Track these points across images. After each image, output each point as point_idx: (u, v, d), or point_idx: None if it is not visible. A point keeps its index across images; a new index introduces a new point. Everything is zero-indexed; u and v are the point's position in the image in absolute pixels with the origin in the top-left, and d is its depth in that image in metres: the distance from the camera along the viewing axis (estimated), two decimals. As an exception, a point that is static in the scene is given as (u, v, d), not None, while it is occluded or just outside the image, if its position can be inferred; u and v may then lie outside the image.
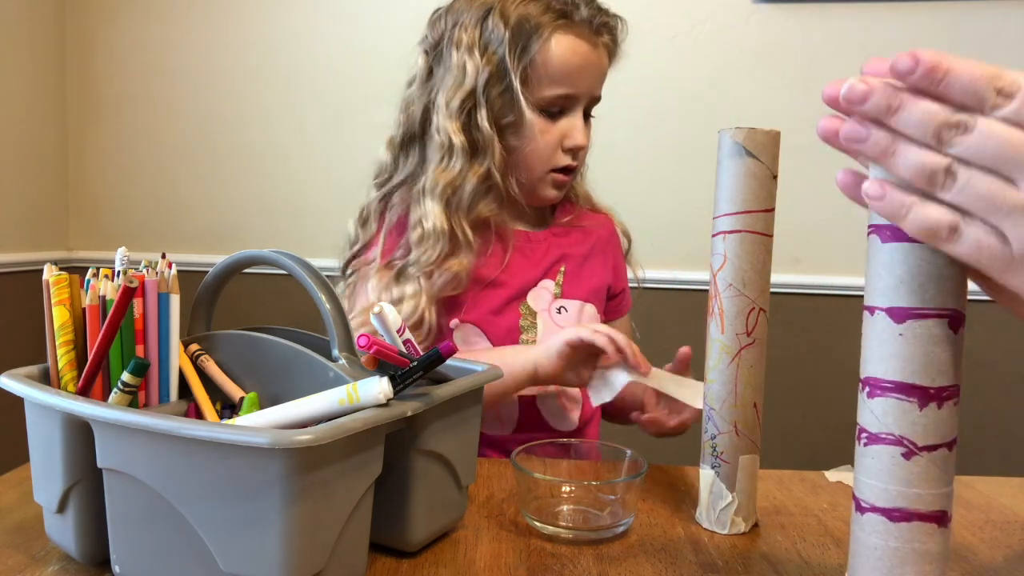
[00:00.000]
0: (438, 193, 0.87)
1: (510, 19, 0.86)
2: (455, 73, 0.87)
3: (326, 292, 0.54)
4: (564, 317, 0.94)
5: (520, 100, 0.86)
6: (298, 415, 0.47)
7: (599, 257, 1.00)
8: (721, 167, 0.57)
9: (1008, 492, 0.70)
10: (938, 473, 0.39)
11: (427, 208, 0.87)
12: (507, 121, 0.88)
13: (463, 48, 0.87)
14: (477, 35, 0.87)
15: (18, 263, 1.62)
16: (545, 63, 0.86)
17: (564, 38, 0.86)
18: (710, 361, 0.59)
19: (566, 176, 0.92)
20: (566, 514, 0.60)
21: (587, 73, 0.89)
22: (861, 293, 0.41)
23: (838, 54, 1.57)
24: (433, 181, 0.87)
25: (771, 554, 0.55)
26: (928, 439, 0.38)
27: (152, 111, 1.75)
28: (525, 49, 0.86)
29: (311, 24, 1.70)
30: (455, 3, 0.92)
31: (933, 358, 0.38)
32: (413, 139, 0.93)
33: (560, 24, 0.86)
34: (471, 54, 0.87)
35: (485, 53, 0.87)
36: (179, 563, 0.44)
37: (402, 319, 0.53)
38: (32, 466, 0.52)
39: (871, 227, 0.40)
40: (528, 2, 0.87)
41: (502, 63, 0.86)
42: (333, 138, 1.70)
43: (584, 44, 0.87)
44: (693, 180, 1.62)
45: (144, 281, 0.54)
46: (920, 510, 0.39)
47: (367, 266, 0.92)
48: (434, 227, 0.86)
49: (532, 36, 0.86)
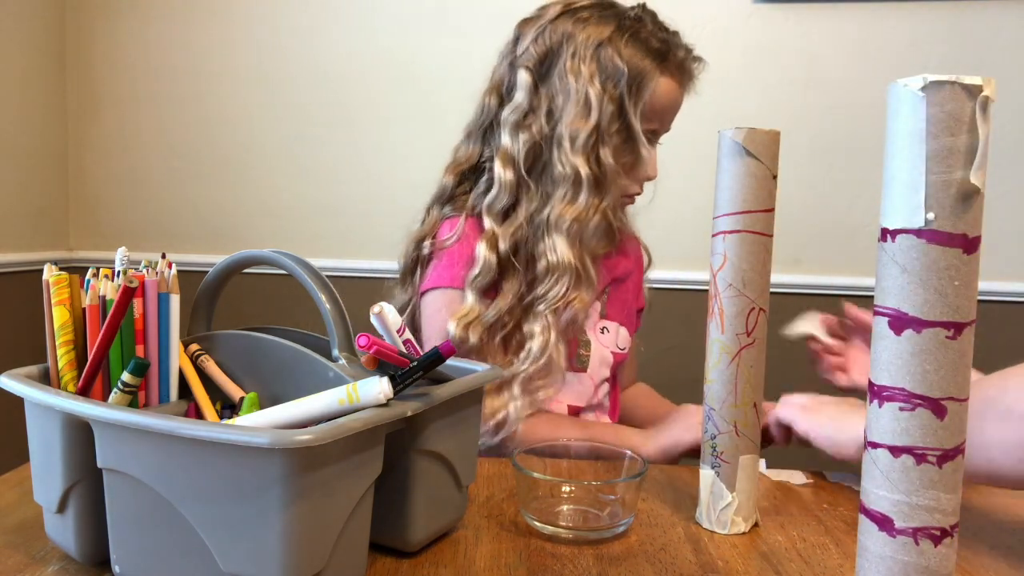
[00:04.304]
0: (564, 228, 0.85)
1: (625, 57, 0.86)
2: (579, 104, 0.85)
3: (326, 292, 0.54)
4: (606, 337, 0.96)
5: (638, 140, 0.87)
6: (298, 415, 0.47)
7: (632, 280, 1.02)
8: (721, 167, 0.57)
9: (1008, 492, 0.70)
10: (946, 483, 0.38)
11: (554, 242, 0.85)
12: (625, 160, 0.88)
13: (583, 78, 0.85)
14: (596, 68, 0.86)
15: (18, 263, 1.62)
16: (652, 100, 0.88)
17: (664, 80, 0.88)
18: (710, 361, 0.59)
19: (632, 200, 0.95)
20: (566, 514, 0.60)
21: (673, 111, 0.92)
22: (861, 293, 0.41)
23: (838, 54, 1.57)
24: (558, 214, 0.85)
25: (771, 554, 0.55)
26: (937, 447, 0.38)
27: (152, 111, 1.75)
28: (640, 89, 0.87)
29: (312, 24, 1.70)
30: (557, 22, 0.89)
31: (943, 366, 0.37)
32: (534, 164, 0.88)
33: (663, 66, 0.88)
34: (593, 86, 0.85)
35: (606, 88, 0.86)
36: (179, 563, 0.44)
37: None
38: (32, 466, 0.52)
39: (882, 231, 0.39)
40: (638, 40, 0.88)
41: (622, 100, 0.86)
42: (333, 138, 1.70)
43: (677, 86, 0.90)
44: (693, 180, 1.62)
45: (144, 281, 0.54)
46: (927, 519, 0.38)
47: (442, 291, 0.88)
48: (560, 261, 0.85)
49: (645, 77, 0.87)
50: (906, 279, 0.37)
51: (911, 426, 0.38)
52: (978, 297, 0.38)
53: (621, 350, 0.97)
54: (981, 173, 0.36)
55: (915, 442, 0.38)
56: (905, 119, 0.37)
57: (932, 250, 0.37)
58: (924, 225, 0.37)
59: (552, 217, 0.85)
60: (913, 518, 0.39)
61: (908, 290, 0.37)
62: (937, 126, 0.36)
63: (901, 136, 0.37)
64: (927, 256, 0.37)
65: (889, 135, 0.38)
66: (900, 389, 0.38)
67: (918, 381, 0.38)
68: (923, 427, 0.38)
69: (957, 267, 0.37)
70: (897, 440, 0.38)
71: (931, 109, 0.36)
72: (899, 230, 0.37)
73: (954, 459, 0.38)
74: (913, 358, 0.38)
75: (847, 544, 0.57)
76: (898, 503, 0.39)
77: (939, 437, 0.38)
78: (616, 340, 0.96)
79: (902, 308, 0.38)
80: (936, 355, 0.37)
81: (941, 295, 0.37)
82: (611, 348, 0.96)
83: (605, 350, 0.95)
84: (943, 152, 0.36)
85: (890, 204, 0.38)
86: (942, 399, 0.37)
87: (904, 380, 0.38)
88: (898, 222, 0.38)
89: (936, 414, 0.38)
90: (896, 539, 0.39)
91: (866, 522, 0.41)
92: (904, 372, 0.38)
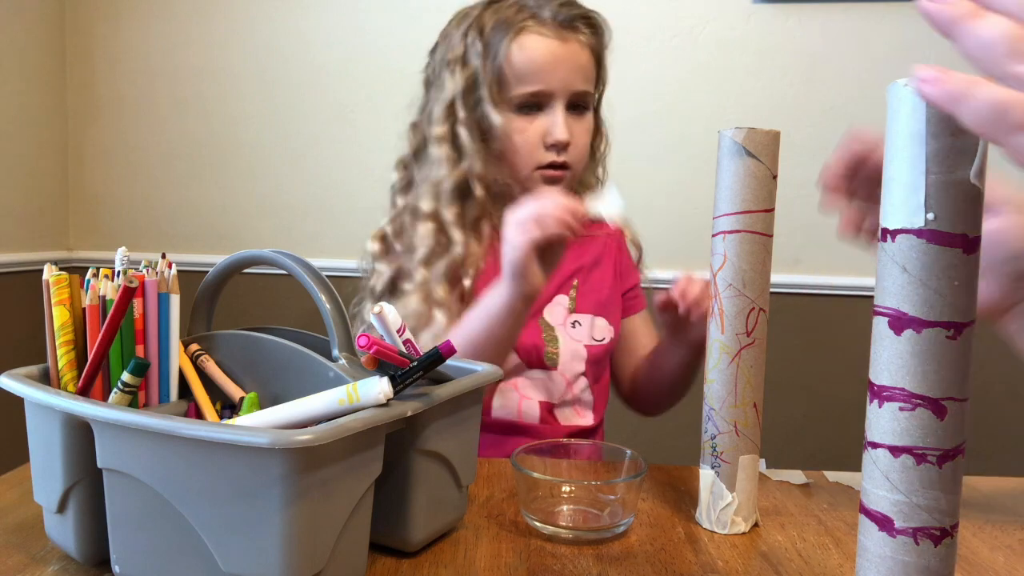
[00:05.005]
0: (425, 191, 0.92)
1: (484, 29, 0.90)
2: (441, 89, 0.93)
3: (326, 292, 0.54)
4: (579, 331, 0.95)
5: (486, 104, 0.89)
6: (298, 415, 0.47)
7: (607, 268, 1.01)
8: (721, 167, 0.57)
9: (1008, 492, 0.70)
10: (946, 483, 0.38)
11: (420, 205, 0.92)
12: (486, 126, 0.90)
13: (447, 65, 0.92)
14: (461, 51, 0.91)
15: (18, 263, 1.62)
16: (512, 64, 0.89)
17: (528, 37, 0.89)
18: (710, 361, 0.59)
19: (556, 172, 0.92)
20: (566, 514, 0.60)
21: (558, 68, 0.89)
22: (861, 293, 0.40)
23: (838, 54, 1.57)
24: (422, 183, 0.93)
25: (771, 554, 0.55)
26: (937, 447, 0.38)
27: (152, 111, 1.75)
28: (495, 55, 0.89)
29: (312, 24, 1.70)
30: (447, 28, 0.96)
31: (943, 366, 0.37)
32: (415, 157, 0.98)
33: (525, 25, 0.89)
34: (452, 70, 0.91)
35: (464, 66, 0.91)
36: (179, 563, 0.44)
37: (402, 320, 0.53)
38: (32, 466, 0.52)
39: (882, 231, 0.39)
40: (500, 10, 0.90)
41: (476, 72, 0.90)
42: (334, 138, 1.70)
43: (551, 40, 0.89)
44: (693, 180, 1.62)
45: (144, 281, 0.54)
46: (927, 519, 0.38)
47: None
48: (420, 213, 0.91)
49: (500, 41, 0.89)
50: (906, 279, 0.37)
51: (911, 426, 0.38)
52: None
53: (598, 342, 0.96)
54: (981, 173, 0.36)
55: (915, 442, 0.38)
56: (905, 119, 0.37)
57: (932, 250, 0.37)
58: (924, 225, 0.37)
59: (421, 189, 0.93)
60: (913, 518, 0.39)
61: (908, 290, 0.37)
62: (937, 126, 0.36)
63: (901, 136, 0.37)
64: (927, 256, 0.37)
65: (889, 135, 0.38)
66: (900, 389, 0.38)
67: (918, 381, 0.38)
68: (923, 427, 0.38)
69: (957, 267, 0.37)
70: (897, 440, 0.38)
71: (931, 109, 0.36)
72: (899, 230, 0.37)
73: (954, 459, 0.38)
74: (913, 358, 0.38)
75: (847, 544, 0.57)
76: (898, 503, 0.39)
77: (939, 437, 0.38)
78: (591, 332, 0.96)
79: (902, 308, 0.38)
80: (936, 355, 0.37)
81: (941, 295, 0.37)
82: (584, 342, 0.95)
83: (577, 344, 0.95)
84: (943, 152, 0.36)
85: (890, 204, 0.38)
86: (942, 399, 0.37)
87: (904, 380, 0.38)
88: (898, 222, 0.37)
89: (936, 414, 0.38)
90: (896, 539, 0.39)
91: (866, 522, 0.41)
92: (904, 372, 0.38)
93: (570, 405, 0.96)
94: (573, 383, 0.95)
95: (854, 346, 1.69)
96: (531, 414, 0.93)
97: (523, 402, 0.92)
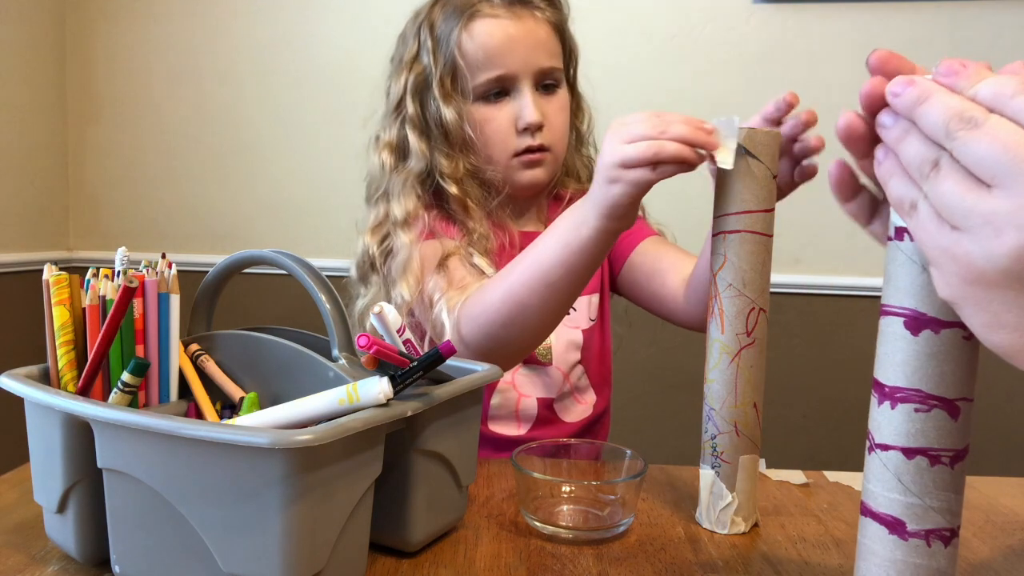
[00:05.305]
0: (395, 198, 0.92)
1: (435, 23, 0.89)
2: (390, 93, 0.93)
3: (326, 292, 0.54)
4: (573, 316, 0.94)
5: (438, 100, 0.87)
6: (298, 415, 0.47)
7: None
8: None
9: (1008, 492, 0.70)
10: (957, 484, 0.38)
11: (394, 213, 0.92)
12: (447, 120, 0.88)
13: (400, 66, 0.91)
14: (415, 50, 0.90)
15: (18, 263, 1.62)
16: (466, 53, 0.86)
17: (480, 22, 0.86)
18: (710, 361, 0.59)
19: (534, 155, 0.89)
20: (566, 514, 0.60)
21: (516, 48, 0.86)
22: (862, 293, 0.40)
23: (838, 54, 1.57)
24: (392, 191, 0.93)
25: (771, 554, 0.55)
26: (951, 448, 0.37)
27: (152, 111, 1.75)
28: (447, 47, 0.88)
29: (312, 23, 1.70)
30: (403, 30, 0.95)
31: (960, 367, 0.37)
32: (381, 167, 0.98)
33: (475, 10, 0.86)
34: (402, 71, 0.91)
35: (413, 64, 0.90)
36: (179, 563, 0.44)
37: (402, 320, 0.53)
38: (32, 466, 0.52)
39: (895, 230, 0.38)
40: (450, 1, 0.89)
41: (426, 68, 0.89)
42: (334, 138, 1.70)
43: (504, 21, 0.86)
44: (693, 180, 1.62)
45: (144, 281, 0.54)
46: (939, 520, 0.38)
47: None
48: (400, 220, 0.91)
49: (451, 32, 0.87)
50: (926, 278, 0.36)
51: (927, 427, 0.37)
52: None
53: (593, 321, 0.96)
54: None
55: (930, 443, 0.37)
56: None
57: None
58: None
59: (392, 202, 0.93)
60: (926, 520, 0.38)
61: (929, 289, 0.36)
62: None
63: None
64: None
65: None
66: (916, 390, 0.37)
67: (936, 382, 0.37)
68: (938, 428, 0.37)
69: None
70: (912, 442, 0.38)
71: None
72: (907, 229, 0.37)
73: (963, 459, 0.38)
74: (930, 359, 0.37)
75: (847, 544, 0.57)
76: (911, 505, 0.38)
77: (953, 438, 0.37)
78: (588, 313, 0.95)
79: (920, 308, 0.37)
80: (954, 356, 0.37)
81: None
82: (582, 326, 0.94)
83: (573, 331, 0.94)
84: None
85: None
86: (957, 400, 0.37)
87: (920, 381, 0.37)
88: None
89: (951, 415, 0.37)
90: (908, 542, 0.38)
91: (873, 526, 0.40)
92: (920, 373, 0.37)
93: (570, 395, 0.95)
94: (569, 374, 0.94)
95: (854, 346, 1.70)
96: (529, 412, 0.93)
97: (521, 400, 0.92)
